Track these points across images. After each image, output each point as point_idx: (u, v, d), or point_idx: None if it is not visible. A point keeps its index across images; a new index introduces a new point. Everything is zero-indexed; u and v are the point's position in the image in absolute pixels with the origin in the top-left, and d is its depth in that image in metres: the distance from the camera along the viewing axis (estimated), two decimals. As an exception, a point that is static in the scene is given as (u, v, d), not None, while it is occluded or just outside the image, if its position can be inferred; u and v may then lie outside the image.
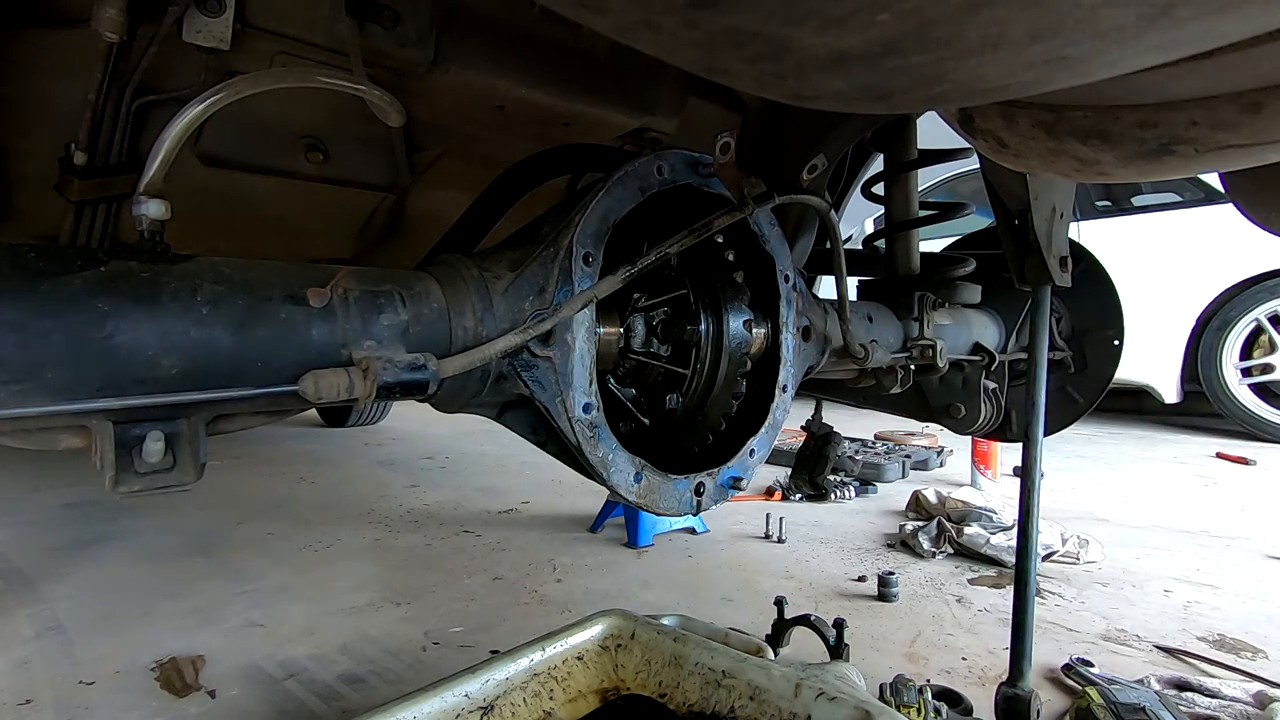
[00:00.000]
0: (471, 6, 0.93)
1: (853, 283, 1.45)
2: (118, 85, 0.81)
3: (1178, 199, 4.39)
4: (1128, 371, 3.56)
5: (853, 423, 4.37)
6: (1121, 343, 1.60)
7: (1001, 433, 1.64)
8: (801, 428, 3.02)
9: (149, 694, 1.34)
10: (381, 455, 3.64)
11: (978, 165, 1.37)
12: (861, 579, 1.97)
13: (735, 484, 0.91)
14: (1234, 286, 4.07)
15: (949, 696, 1.26)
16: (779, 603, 1.33)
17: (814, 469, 2.89)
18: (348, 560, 2.09)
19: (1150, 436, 4.44)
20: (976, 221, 2.83)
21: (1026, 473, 1.34)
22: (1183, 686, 1.33)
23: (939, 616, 1.73)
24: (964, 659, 1.51)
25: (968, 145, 0.88)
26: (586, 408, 0.75)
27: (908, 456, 3.43)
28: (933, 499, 2.54)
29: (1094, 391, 1.64)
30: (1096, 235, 4.46)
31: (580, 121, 1.07)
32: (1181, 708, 1.23)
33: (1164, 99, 0.56)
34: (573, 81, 1.02)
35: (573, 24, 0.61)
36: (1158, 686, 1.31)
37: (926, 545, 2.19)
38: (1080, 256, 1.55)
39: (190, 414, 0.58)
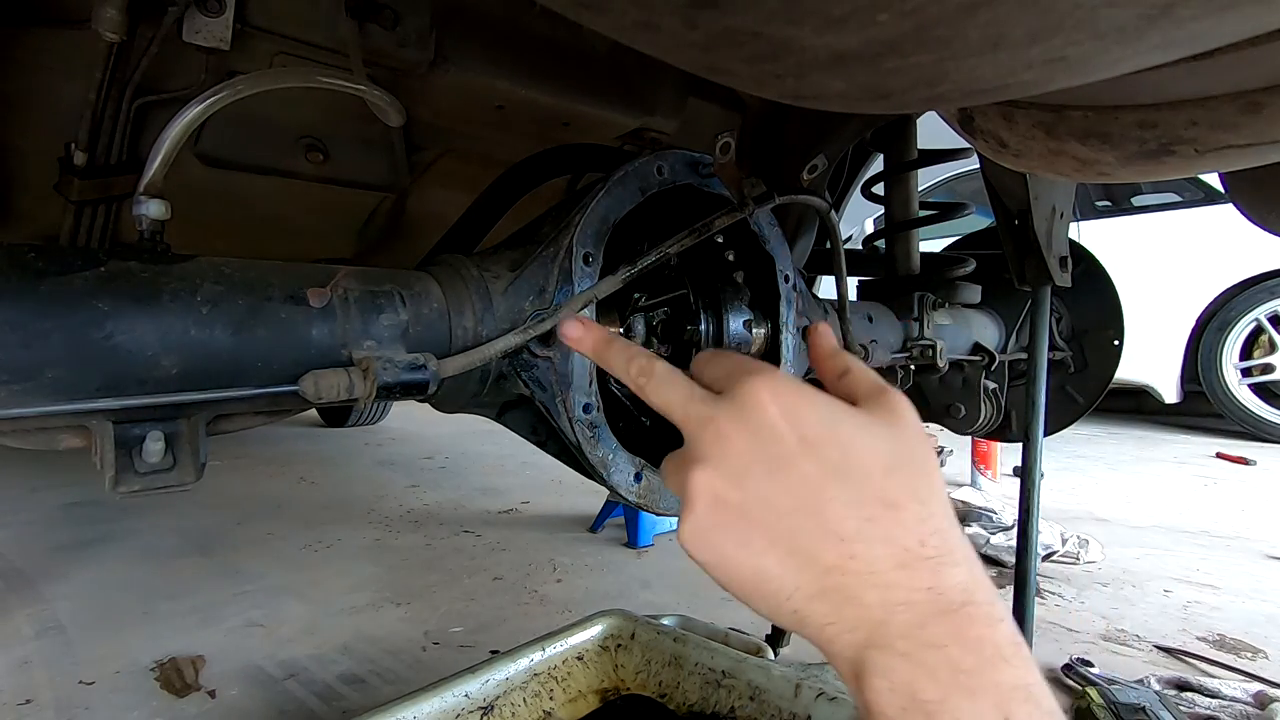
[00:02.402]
0: (471, 6, 0.93)
1: (853, 283, 1.45)
2: (118, 85, 0.81)
3: (1178, 199, 4.39)
4: (1128, 371, 3.56)
5: (853, 423, 4.36)
6: (1121, 343, 1.60)
7: (1001, 433, 1.63)
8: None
9: (149, 694, 1.34)
10: (381, 455, 3.64)
11: (978, 165, 1.37)
12: (861, 579, 1.97)
13: (735, 484, 0.91)
14: (1234, 286, 4.07)
15: (949, 696, 1.25)
16: (779, 603, 1.33)
17: (814, 469, 2.89)
18: (348, 560, 2.09)
19: (1150, 436, 4.44)
20: (976, 221, 2.83)
21: (1026, 473, 1.34)
22: (1183, 686, 1.33)
23: (939, 616, 1.73)
24: (964, 659, 1.51)
25: (968, 145, 0.88)
26: (586, 408, 0.75)
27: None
28: (933, 499, 2.54)
29: (1094, 391, 1.64)
30: (1096, 235, 4.45)
31: (580, 121, 1.07)
32: (1181, 708, 1.23)
33: (1164, 99, 0.56)
34: (573, 81, 1.02)
35: (573, 24, 0.61)
36: (1158, 686, 1.31)
37: (926, 545, 2.19)
38: (1080, 256, 1.55)
39: (190, 414, 0.58)
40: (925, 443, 0.40)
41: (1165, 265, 4.23)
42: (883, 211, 1.52)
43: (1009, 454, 3.13)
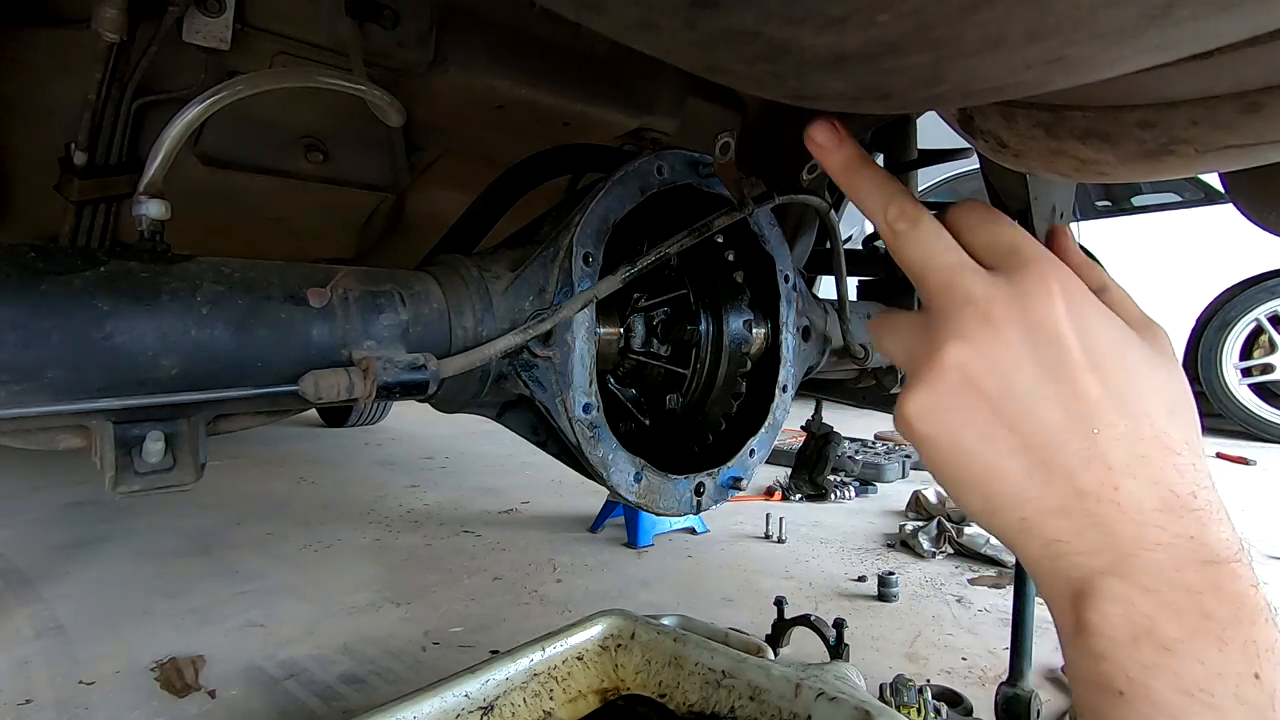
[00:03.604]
0: (471, 6, 0.93)
1: (853, 283, 1.45)
2: (118, 85, 0.81)
3: (1178, 199, 4.39)
4: (1128, 371, 3.54)
5: (853, 423, 4.37)
6: (1121, 343, 1.60)
7: (1001, 433, 1.63)
8: (801, 428, 3.01)
9: (149, 694, 1.34)
10: (381, 455, 3.64)
11: (978, 165, 1.36)
12: (861, 579, 1.97)
13: (735, 484, 0.91)
14: (1234, 286, 4.08)
15: (949, 696, 1.26)
16: (779, 603, 1.33)
17: (814, 469, 2.89)
18: (348, 560, 2.09)
19: (1150, 436, 4.44)
20: (976, 221, 2.82)
21: (1026, 473, 1.33)
22: (1183, 686, 1.32)
23: (939, 616, 1.73)
24: (964, 659, 1.51)
25: (968, 145, 0.88)
26: (586, 408, 0.75)
27: (908, 456, 3.43)
28: (933, 499, 2.55)
29: (1094, 391, 1.64)
30: (1096, 235, 4.45)
31: (580, 121, 1.07)
32: (1181, 708, 1.23)
33: (1164, 99, 0.56)
34: (573, 81, 1.02)
35: (573, 24, 0.61)
36: (1158, 686, 1.30)
37: (926, 545, 2.19)
38: (1080, 256, 1.55)
39: (190, 414, 0.58)
40: (1190, 389, 0.39)
41: (1165, 265, 4.23)
42: (883, 211, 1.52)
43: (1009, 454, 3.13)
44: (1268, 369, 4.03)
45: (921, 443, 0.39)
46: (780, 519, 2.35)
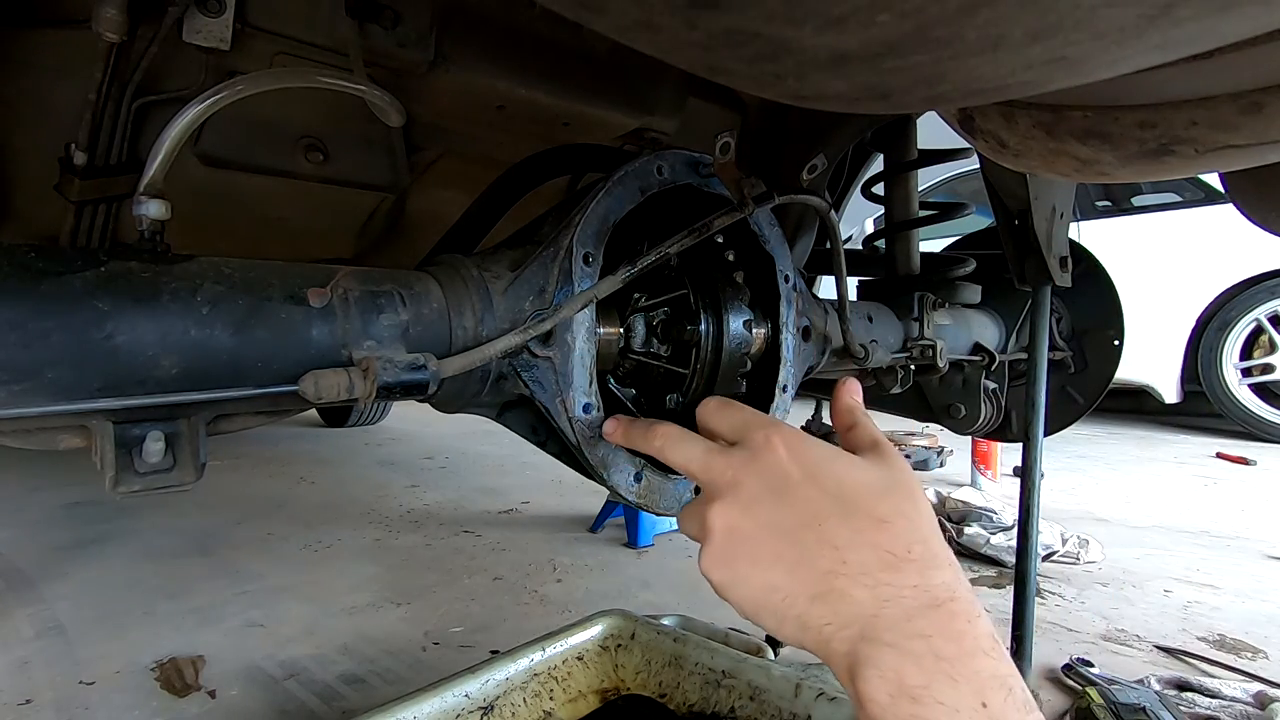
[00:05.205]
0: (471, 6, 0.93)
1: (853, 283, 1.45)
2: (118, 85, 0.81)
3: (1178, 199, 4.39)
4: (1128, 371, 3.55)
5: (853, 423, 4.36)
6: (1121, 343, 1.60)
7: (1001, 433, 1.63)
8: (802, 428, 3.02)
9: (149, 694, 1.34)
10: (381, 455, 3.64)
11: (978, 165, 1.36)
12: (861, 579, 1.96)
13: (735, 484, 0.91)
14: (1234, 286, 4.07)
15: (949, 696, 1.25)
16: (779, 603, 1.33)
17: (814, 469, 2.89)
18: (348, 560, 2.09)
19: (1150, 436, 4.44)
20: (977, 221, 2.83)
21: (1026, 473, 1.34)
22: (1183, 686, 1.33)
23: (939, 616, 1.73)
24: (964, 659, 1.51)
25: (968, 145, 0.88)
26: (586, 408, 0.75)
27: (908, 456, 3.43)
28: (932, 499, 2.55)
29: (1094, 391, 1.64)
30: (1096, 235, 4.45)
31: (580, 121, 1.07)
32: (1181, 708, 1.23)
33: (1164, 99, 0.56)
34: (573, 81, 1.02)
35: (573, 24, 0.61)
36: (1158, 686, 1.31)
37: (926, 545, 2.19)
38: (1080, 256, 1.55)
39: (190, 414, 0.58)
40: (913, 478, 0.47)
41: (1165, 265, 4.23)
42: (883, 211, 1.52)
43: (1009, 454, 3.13)
44: (1268, 369, 4.03)
45: (719, 588, 0.47)
46: (780, 519, 2.35)
